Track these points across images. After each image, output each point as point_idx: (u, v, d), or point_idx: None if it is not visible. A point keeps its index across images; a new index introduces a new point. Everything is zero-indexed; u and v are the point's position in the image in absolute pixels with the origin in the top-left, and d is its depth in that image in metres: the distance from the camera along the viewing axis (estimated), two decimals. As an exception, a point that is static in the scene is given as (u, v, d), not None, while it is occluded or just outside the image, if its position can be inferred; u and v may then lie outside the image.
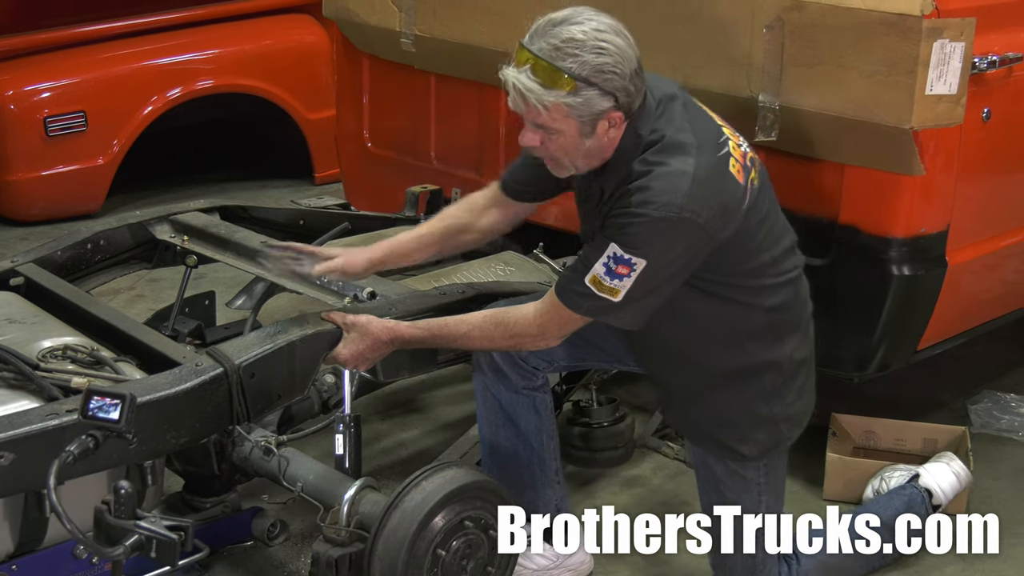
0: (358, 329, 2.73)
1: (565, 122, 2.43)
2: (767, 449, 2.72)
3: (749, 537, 2.77)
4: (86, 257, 3.46)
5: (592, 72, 2.37)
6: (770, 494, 2.77)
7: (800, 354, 2.70)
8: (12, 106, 5.64)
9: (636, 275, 2.42)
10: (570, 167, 2.55)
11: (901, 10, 2.81)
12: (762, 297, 2.60)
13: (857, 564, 3.01)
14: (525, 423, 2.92)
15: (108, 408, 2.31)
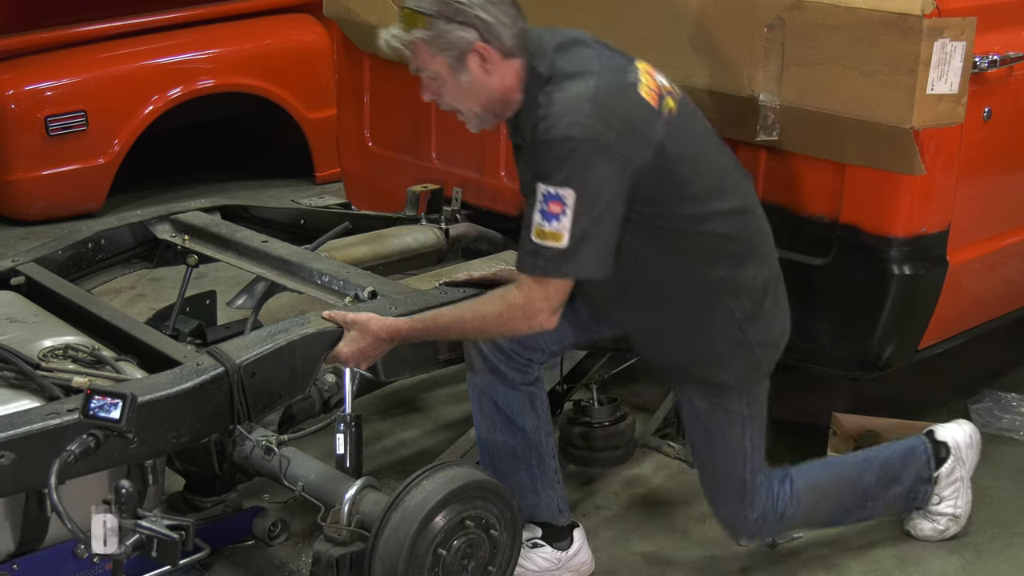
0: (358, 327, 2.73)
1: (433, 60, 2.54)
2: (746, 376, 2.75)
3: (737, 466, 2.83)
4: (87, 256, 3.46)
5: (440, 5, 2.51)
6: (754, 425, 2.82)
7: (763, 278, 2.72)
8: (13, 106, 5.64)
9: (570, 209, 2.43)
10: (472, 115, 2.62)
11: (902, 9, 2.81)
12: (710, 225, 2.62)
13: (851, 494, 3.05)
14: (523, 422, 2.92)
15: (109, 407, 2.31)
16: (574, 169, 2.44)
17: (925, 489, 3.11)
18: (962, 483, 3.14)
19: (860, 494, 3.06)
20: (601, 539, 3.20)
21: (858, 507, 3.08)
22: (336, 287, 3.09)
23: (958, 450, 3.13)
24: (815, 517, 3.06)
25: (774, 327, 2.79)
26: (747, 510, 2.89)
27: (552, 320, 2.59)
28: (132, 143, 5.91)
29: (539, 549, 2.96)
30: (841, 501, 3.06)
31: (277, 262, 3.26)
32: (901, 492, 3.10)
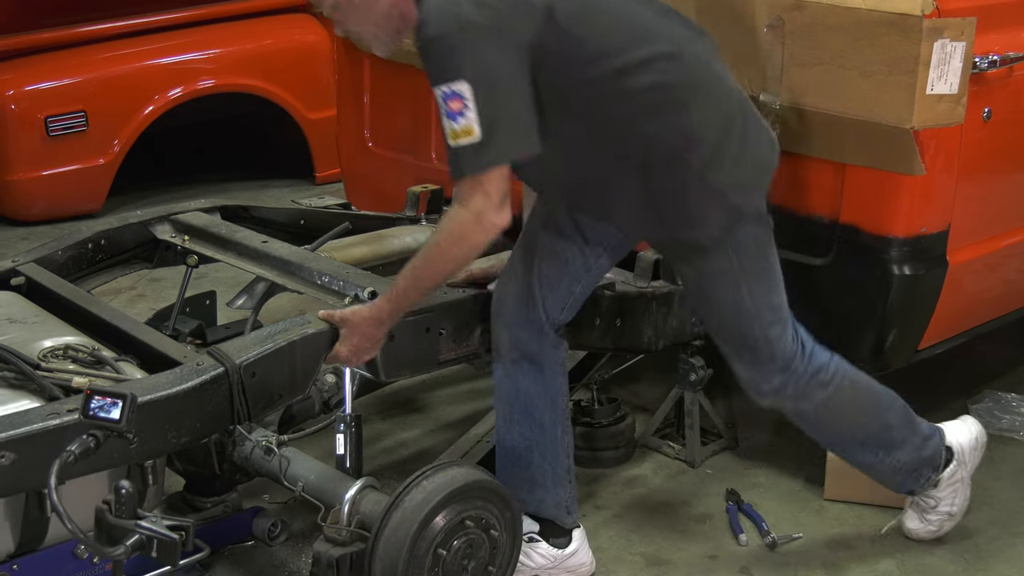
0: (347, 324, 2.71)
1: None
2: (726, 227, 2.67)
3: (746, 326, 2.77)
4: (87, 257, 3.46)
5: None
6: (753, 279, 2.74)
7: (717, 119, 2.62)
8: (13, 106, 5.65)
9: (471, 101, 2.39)
10: (374, 37, 2.58)
11: (902, 10, 2.81)
12: (632, 80, 2.54)
13: (874, 419, 2.97)
14: (541, 415, 2.92)
15: (109, 408, 2.31)
16: (460, 61, 2.39)
17: (928, 477, 3.04)
18: (962, 483, 3.11)
19: (879, 427, 2.96)
20: (601, 539, 3.20)
21: (870, 443, 2.97)
22: (336, 287, 3.09)
23: (962, 454, 3.09)
24: (834, 420, 2.95)
25: (746, 167, 2.68)
26: (767, 372, 2.82)
27: (502, 215, 2.50)
28: (132, 143, 5.91)
29: (536, 544, 2.96)
30: (863, 419, 2.95)
31: (277, 262, 3.26)
32: (907, 461, 3.00)
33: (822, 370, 2.86)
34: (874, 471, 3.06)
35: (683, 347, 3.46)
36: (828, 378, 2.87)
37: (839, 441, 3.04)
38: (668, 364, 3.61)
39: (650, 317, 3.28)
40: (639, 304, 3.26)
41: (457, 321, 2.94)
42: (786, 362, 2.82)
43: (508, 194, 2.50)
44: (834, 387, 2.88)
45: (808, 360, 2.84)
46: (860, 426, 2.96)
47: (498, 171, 2.48)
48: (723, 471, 3.56)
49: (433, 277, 2.63)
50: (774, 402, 2.89)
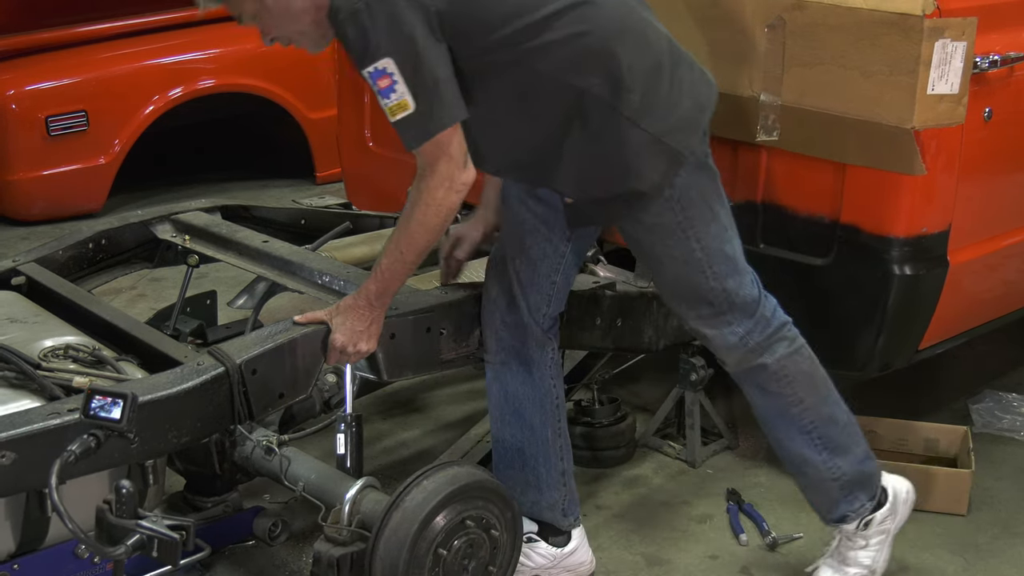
0: (339, 312, 2.70)
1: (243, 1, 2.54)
2: (666, 173, 2.61)
3: (699, 278, 2.73)
4: (88, 256, 3.46)
5: None
6: (699, 228, 2.69)
7: (644, 62, 2.57)
8: (13, 106, 5.65)
9: (397, 74, 2.42)
10: (302, 36, 2.58)
11: (902, 10, 2.81)
12: (547, 36, 2.51)
13: (824, 405, 2.88)
14: (530, 417, 2.92)
15: (110, 407, 2.31)
16: (376, 38, 2.41)
17: (863, 504, 2.90)
18: (887, 537, 2.96)
19: (827, 416, 2.87)
20: (602, 539, 3.20)
21: (816, 434, 2.87)
22: (337, 287, 3.09)
23: (895, 502, 2.96)
24: (789, 386, 2.83)
25: (681, 108, 2.62)
26: (731, 322, 2.77)
27: (468, 173, 2.52)
28: (133, 143, 5.92)
29: (535, 544, 2.97)
30: (816, 398, 2.86)
31: (278, 262, 3.26)
32: (847, 473, 2.88)
33: (786, 326, 2.83)
34: (812, 474, 2.92)
35: (684, 347, 3.46)
36: (791, 335, 2.83)
37: (788, 418, 2.87)
38: (669, 364, 3.61)
39: (650, 317, 3.28)
40: (639, 304, 3.26)
41: (457, 321, 2.94)
42: (749, 309, 2.78)
43: (467, 150, 2.52)
44: (796, 348, 2.83)
45: (773, 310, 2.81)
46: (811, 404, 2.86)
47: (451, 131, 2.49)
48: (724, 471, 3.56)
49: (414, 248, 2.60)
50: (741, 357, 2.81)
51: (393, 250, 2.62)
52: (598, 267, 3.43)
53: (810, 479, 2.94)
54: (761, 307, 2.80)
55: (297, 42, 2.62)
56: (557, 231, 2.84)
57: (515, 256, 2.86)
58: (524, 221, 2.85)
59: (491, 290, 2.92)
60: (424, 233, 2.57)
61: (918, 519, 3.28)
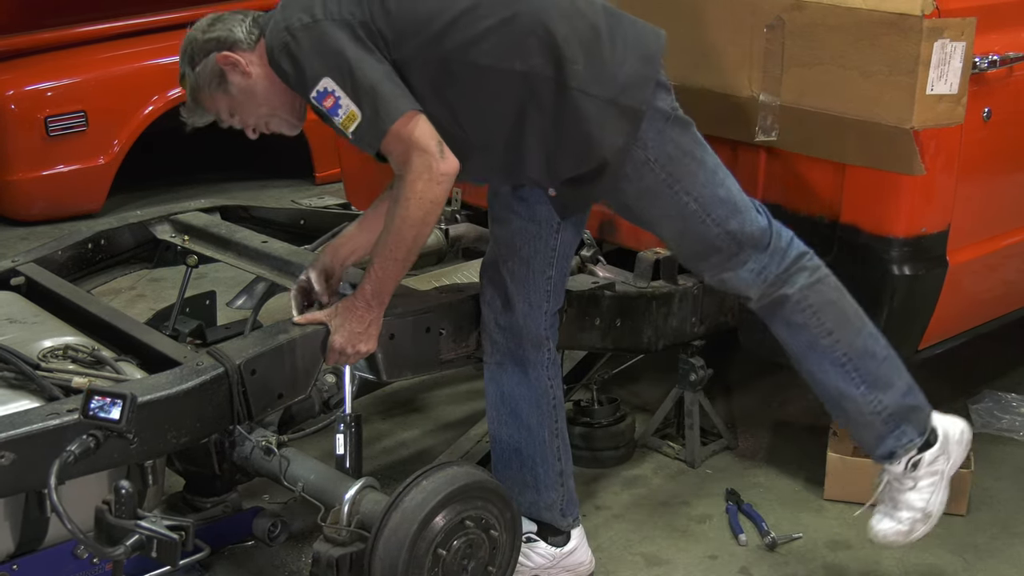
0: (338, 313, 2.70)
1: (215, 100, 2.68)
2: (631, 133, 2.59)
3: (699, 228, 2.72)
4: (87, 257, 3.46)
5: (185, 60, 2.69)
6: (685, 180, 2.67)
7: (579, 30, 2.56)
8: (13, 106, 5.65)
9: (338, 90, 2.48)
10: (276, 118, 2.71)
11: (902, 10, 2.81)
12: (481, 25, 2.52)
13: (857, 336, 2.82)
14: (527, 418, 2.92)
15: (109, 408, 2.31)
16: (309, 63, 2.49)
17: (911, 440, 2.83)
18: (941, 479, 2.88)
19: (861, 348, 2.81)
20: (601, 539, 3.20)
21: (851, 366, 2.80)
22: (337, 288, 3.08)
23: (946, 443, 2.90)
24: (815, 316, 2.79)
25: (627, 65, 2.59)
26: (745, 259, 2.75)
27: (446, 161, 2.50)
28: (132, 143, 5.91)
29: (535, 544, 2.97)
30: (846, 329, 2.80)
31: (277, 262, 3.26)
32: (890, 406, 2.82)
33: (805, 255, 2.80)
34: (851, 409, 2.84)
35: (683, 347, 3.46)
36: (812, 264, 2.80)
37: (819, 350, 2.81)
38: (668, 364, 3.61)
39: (650, 317, 3.28)
40: (639, 304, 3.26)
41: (456, 321, 2.94)
42: (759, 243, 2.75)
43: (441, 140, 2.51)
44: (818, 277, 2.80)
45: (788, 241, 2.79)
46: (843, 336, 2.80)
47: (418, 124, 2.49)
48: (723, 471, 3.56)
49: (403, 245, 2.59)
50: (762, 292, 2.78)
51: (382, 250, 2.62)
52: (597, 267, 3.43)
53: (850, 415, 2.86)
54: (774, 239, 2.77)
55: (273, 124, 2.72)
56: (545, 226, 2.84)
57: (507, 258, 2.86)
58: (511, 222, 2.85)
59: (485, 293, 2.92)
60: (409, 229, 2.56)
61: (917, 519, 3.29)
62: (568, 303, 3.05)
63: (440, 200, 2.54)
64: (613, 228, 3.57)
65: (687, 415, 3.57)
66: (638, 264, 3.36)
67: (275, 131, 2.75)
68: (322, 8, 2.50)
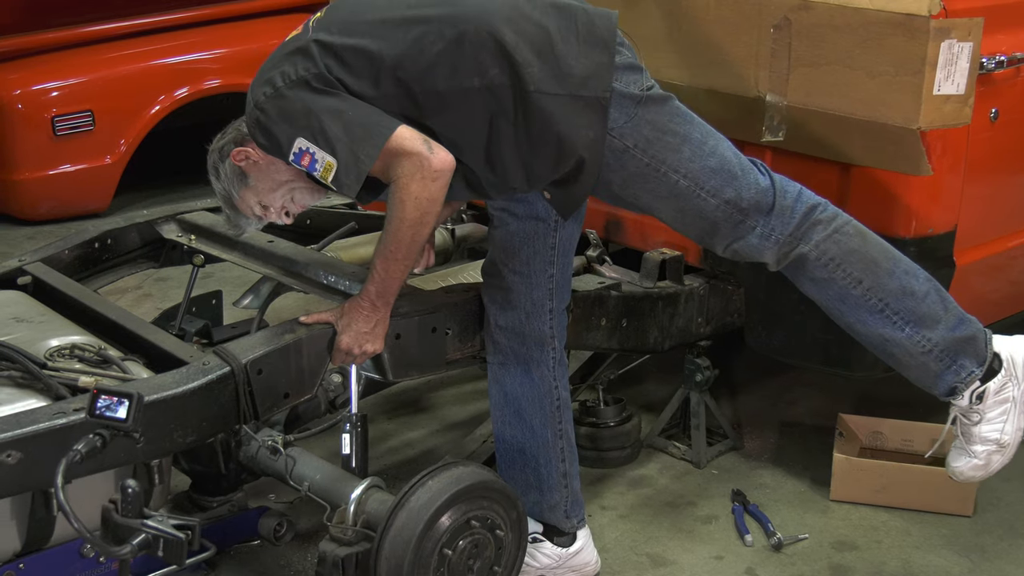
0: (344, 313, 2.71)
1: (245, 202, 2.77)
2: (599, 123, 2.58)
3: (698, 204, 2.67)
4: (93, 256, 3.46)
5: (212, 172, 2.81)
6: (670, 159, 2.62)
7: (523, 33, 2.53)
8: (20, 105, 5.66)
9: (311, 147, 2.52)
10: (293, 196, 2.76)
11: (908, 10, 2.80)
12: (428, 51, 2.53)
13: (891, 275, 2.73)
14: (530, 418, 2.92)
15: (115, 407, 2.31)
16: (280, 130, 2.55)
17: (971, 372, 2.72)
18: (1014, 405, 2.73)
19: (898, 288, 2.71)
20: (607, 539, 3.20)
21: (890, 311, 2.71)
22: (342, 287, 3.09)
23: (1013, 366, 2.75)
24: (841, 267, 2.71)
25: (583, 56, 2.57)
26: (751, 226, 2.69)
27: (438, 156, 2.49)
28: (139, 143, 5.92)
29: (540, 544, 2.97)
30: (877, 273, 2.71)
31: (283, 262, 3.26)
32: (941, 341, 2.71)
33: (817, 208, 2.72)
34: (899, 354, 2.74)
35: (689, 347, 3.46)
36: (826, 216, 2.72)
37: (852, 301, 2.72)
38: (674, 364, 3.61)
39: (656, 317, 3.28)
40: (645, 304, 3.26)
41: (463, 321, 2.94)
42: (762, 206, 2.69)
43: (427, 138, 2.51)
44: (835, 227, 2.71)
45: (795, 197, 2.72)
46: (874, 283, 2.70)
47: (399, 135, 2.49)
48: (729, 472, 3.56)
49: (401, 245, 2.59)
50: (777, 254, 2.72)
51: (382, 250, 2.62)
52: (604, 267, 3.43)
53: (900, 359, 2.76)
54: (777, 198, 2.70)
55: (298, 198, 2.76)
56: (543, 224, 2.83)
57: (507, 259, 2.86)
58: (509, 223, 2.85)
59: (485, 294, 2.92)
60: (407, 229, 2.56)
61: (923, 520, 3.28)
62: (574, 303, 3.05)
63: (437, 197, 2.53)
64: (619, 228, 3.57)
65: (693, 415, 3.57)
66: (644, 264, 3.36)
67: (305, 205, 2.79)
68: (280, 76, 2.56)
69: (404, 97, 2.55)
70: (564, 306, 2.93)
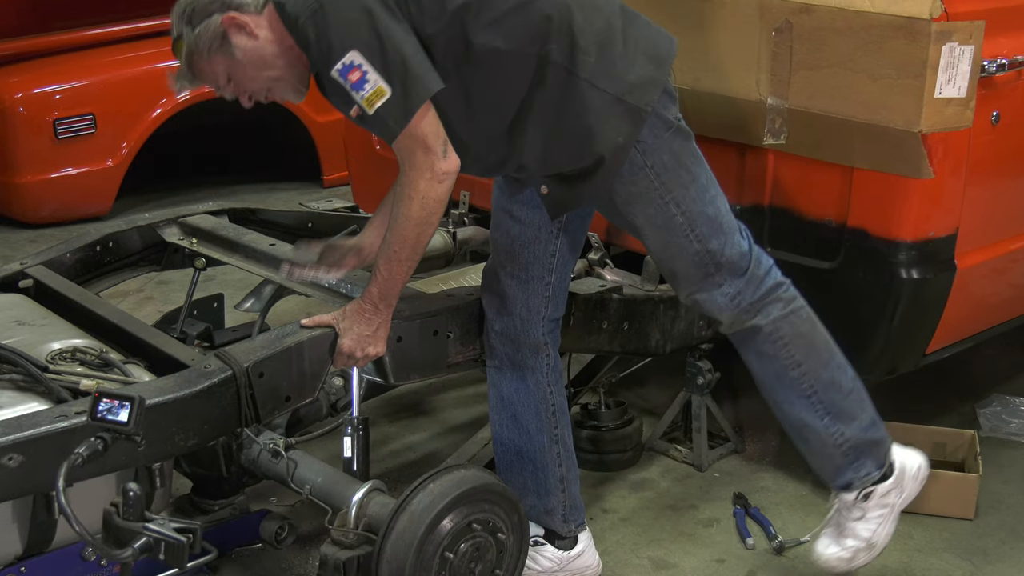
0: (346, 317, 2.70)
1: (213, 64, 2.56)
2: (630, 133, 2.58)
3: (683, 242, 2.70)
4: (95, 259, 3.47)
5: (180, 21, 2.54)
6: (676, 191, 2.65)
7: (592, 23, 2.56)
8: (21, 108, 5.67)
9: (365, 63, 2.40)
10: (281, 83, 2.58)
11: (910, 13, 2.81)
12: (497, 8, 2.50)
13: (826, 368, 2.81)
14: (527, 422, 2.92)
15: (117, 410, 2.31)
16: (336, 34, 2.41)
17: (869, 473, 2.84)
18: (891, 512, 2.89)
19: (828, 380, 2.81)
20: (608, 542, 3.20)
21: (816, 399, 2.80)
22: (343, 290, 3.09)
23: (902, 476, 2.89)
24: (786, 348, 2.78)
25: (637, 65, 2.59)
26: (720, 282, 2.73)
27: (449, 160, 2.49)
28: (140, 146, 5.92)
29: (542, 548, 2.97)
30: (815, 361, 2.80)
31: (285, 265, 3.26)
32: (852, 438, 2.82)
33: (782, 286, 2.78)
34: (813, 440, 2.85)
35: (690, 350, 3.46)
36: (787, 295, 2.78)
37: (786, 382, 2.81)
38: (675, 367, 3.61)
39: (657, 320, 3.28)
40: (646, 307, 3.26)
41: (464, 324, 2.94)
42: (737, 268, 2.73)
43: (446, 138, 2.50)
44: (792, 309, 2.78)
45: (767, 269, 2.77)
46: (811, 368, 2.79)
47: (427, 117, 2.47)
48: (730, 475, 3.56)
49: (406, 244, 2.58)
50: (734, 318, 2.78)
51: (386, 250, 2.61)
52: (605, 271, 3.43)
53: (812, 445, 2.87)
54: (752, 265, 2.75)
55: (275, 91, 2.61)
56: (544, 232, 2.83)
57: (505, 263, 2.86)
58: (509, 228, 2.85)
59: (484, 298, 2.92)
60: (412, 227, 2.55)
61: (925, 523, 3.28)
62: (576, 306, 3.05)
63: (442, 198, 2.53)
64: (621, 232, 3.57)
65: (694, 418, 3.57)
66: (646, 267, 3.36)
67: (275, 99, 2.65)
68: None
69: (459, 42, 2.50)
70: (559, 315, 2.92)
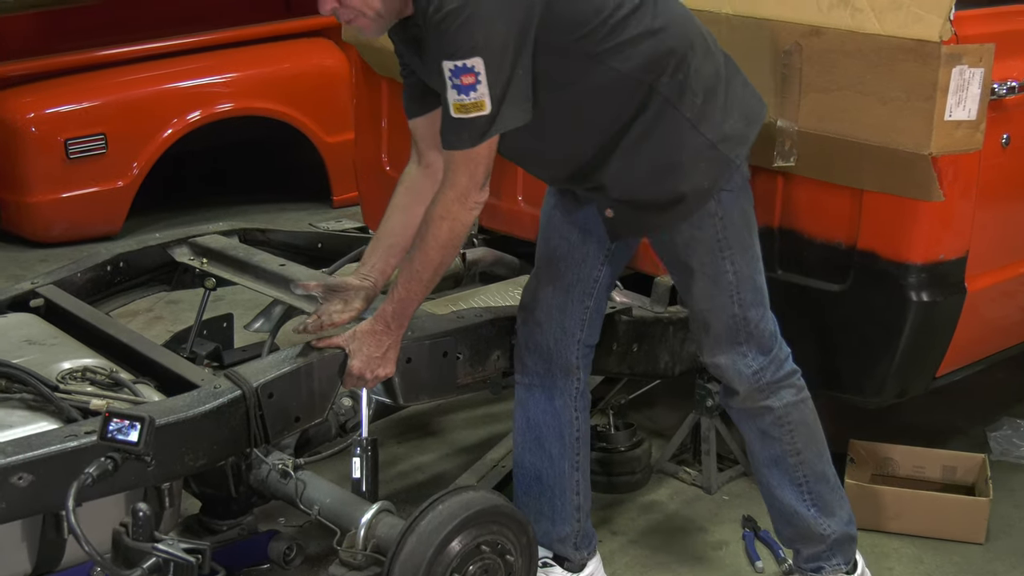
0: (356, 338, 2.70)
1: None
2: (715, 179, 2.64)
3: (725, 301, 2.75)
4: (106, 279, 3.47)
5: None
6: (735, 250, 2.71)
7: (704, 67, 2.61)
8: (33, 128, 5.69)
9: (483, 75, 2.38)
10: (375, 15, 2.48)
11: (920, 36, 2.81)
12: (625, 34, 2.51)
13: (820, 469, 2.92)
14: (550, 446, 2.92)
15: (127, 430, 2.32)
16: (475, 35, 2.36)
17: (838, 566, 2.97)
18: None
19: (820, 473, 2.92)
20: (617, 565, 3.19)
21: (806, 489, 2.91)
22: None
23: (863, 573, 3.04)
24: (789, 434, 2.87)
25: (733, 118, 2.67)
26: (748, 354, 2.80)
27: (483, 193, 2.52)
28: (151, 166, 5.94)
29: (550, 570, 2.97)
30: (811, 452, 2.90)
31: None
32: (835, 532, 2.94)
33: (796, 374, 2.89)
34: (800, 526, 2.95)
35: (699, 373, 3.45)
36: (799, 383, 2.89)
37: (783, 467, 2.91)
38: (685, 390, 3.60)
39: (667, 342, 3.28)
40: (656, 329, 3.25)
41: (474, 345, 2.94)
42: (765, 345, 2.81)
43: (490, 171, 2.51)
44: (802, 398, 2.89)
45: (787, 356, 2.86)
46: (807, 458, 2.90)
47: (492, 144, 2.48)
48: (740, 497, 3.55)
49: (430, 265, 2.59)
50: (749, 393, 2.83)
51: (408, 269, 2.62)
52: (614, 292, 3.43)
53: (798, 530, 2.98)
54: (777, 348, 2.84)
55: (366, 19, 2.51)
56: (592, 257, 2.86)
57: (549, 282, 2.87)
58: (557, 247, 2.87)
59: (520, 313, 2.93)
60: (438, 249, 2.57)
61: (935, 547, 3.27)
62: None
63: (469, 225, 2.58)
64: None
65: (704, 440, 3.56)
66: (655, 289, 3.36)
67: (357, 25, 2.53)
68: None
69: (585, 58, 2.51)
70: (593, 343, 2.94)
